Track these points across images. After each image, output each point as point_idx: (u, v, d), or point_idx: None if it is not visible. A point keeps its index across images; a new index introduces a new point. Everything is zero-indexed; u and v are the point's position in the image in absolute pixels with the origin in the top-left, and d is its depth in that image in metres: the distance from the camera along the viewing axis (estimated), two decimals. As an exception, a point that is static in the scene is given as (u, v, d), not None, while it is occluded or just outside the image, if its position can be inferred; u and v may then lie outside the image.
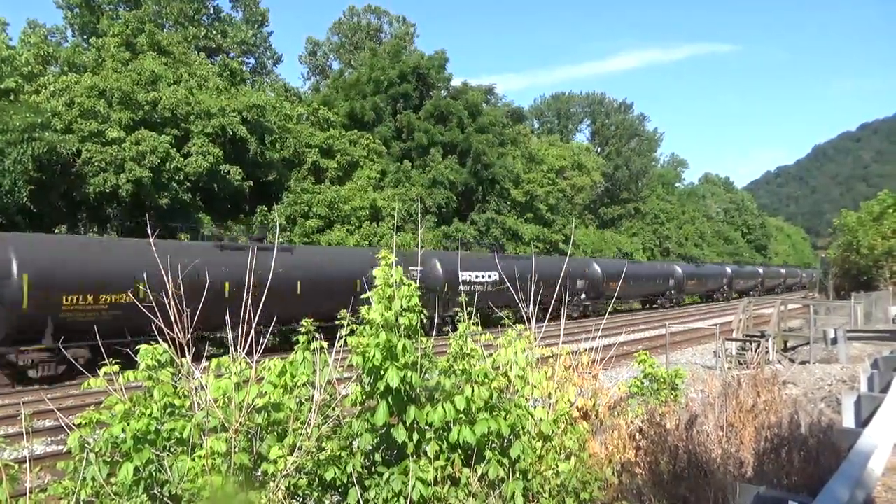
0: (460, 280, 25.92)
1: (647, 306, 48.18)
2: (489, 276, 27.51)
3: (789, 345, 20.91)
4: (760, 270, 70.54)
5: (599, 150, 70.91)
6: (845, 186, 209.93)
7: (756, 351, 16.58)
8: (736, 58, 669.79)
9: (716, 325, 20.80)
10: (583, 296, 35.72)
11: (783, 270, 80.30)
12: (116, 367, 3.91)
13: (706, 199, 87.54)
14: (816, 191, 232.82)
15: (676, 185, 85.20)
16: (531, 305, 5.33)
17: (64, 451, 8.35)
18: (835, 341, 17.44)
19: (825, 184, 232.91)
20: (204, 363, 4.20)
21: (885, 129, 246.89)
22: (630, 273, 40.50)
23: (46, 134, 20.91)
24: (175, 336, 3.87)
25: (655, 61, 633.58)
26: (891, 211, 43.63)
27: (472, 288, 25.85)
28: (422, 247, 28.55)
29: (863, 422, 6.95)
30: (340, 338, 4.22)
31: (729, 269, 60.91)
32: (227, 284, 16.06)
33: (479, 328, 4.68)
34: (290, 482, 3.73)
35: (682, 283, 49.28)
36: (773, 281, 72.67)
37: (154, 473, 3.65)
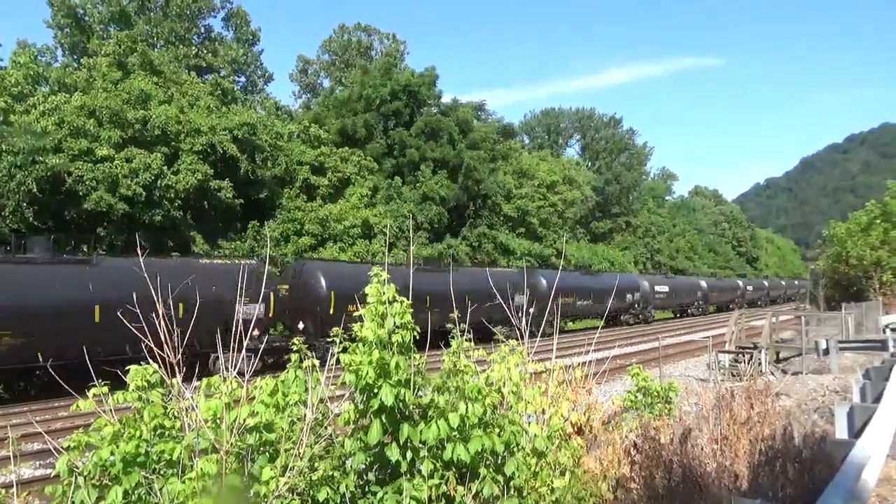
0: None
1: (678, 315, 54.03)
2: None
3: (781, 356, 20.96)
4: (766, 283, 79.93)
5: (590, 164, 71.40)
6: (833, 198, 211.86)
7: (749, 363, 16.62)
8: (723, 71, 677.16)
9: (708, 337, 20.85)
10: (637, 306, 42.64)
11: (783, 282, 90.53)
12: (105, 388, 3.86)
13: (696, 212, 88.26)
14: (805, 202, 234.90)
15: (667, 198, 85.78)
16: (524, 321, 5.33)
17: (52, 474, 8.23)
18: (826, 352, 17.51)
19: (813, 195, 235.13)
20: (195, 382, 4.16)
21: (871, 140, 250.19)
22: (670, 287, 49.17)
23: (52, 158, 21.31)
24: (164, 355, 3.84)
25: (644, 76, 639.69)
26: (878, 221, 43.99)
27: (562, 299, 33.00)
28: (415, 262, 29.37)
29: (856, 432, 6.96)
30: (333, 355, 4.20)
31: (741, 283, 69.55)
32: (428, 296, 20.66)
33: (472, 343, 4.67)
34: (282, 503, 3.68)
35: (708, 294, 56.98)
36: (776, 292, 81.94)
37: (144, 497, 3.59)
